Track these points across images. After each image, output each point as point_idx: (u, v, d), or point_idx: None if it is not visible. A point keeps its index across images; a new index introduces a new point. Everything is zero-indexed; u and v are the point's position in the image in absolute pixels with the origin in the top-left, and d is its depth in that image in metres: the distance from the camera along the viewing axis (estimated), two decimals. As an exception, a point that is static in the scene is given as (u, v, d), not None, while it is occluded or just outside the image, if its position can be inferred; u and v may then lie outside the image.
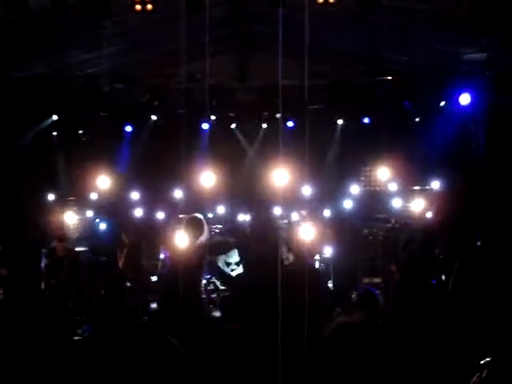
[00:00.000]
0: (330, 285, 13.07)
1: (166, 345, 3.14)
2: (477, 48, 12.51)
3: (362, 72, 14.71)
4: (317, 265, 12.70)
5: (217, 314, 10.07)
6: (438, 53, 12.99)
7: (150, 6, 9.20)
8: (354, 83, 14.93)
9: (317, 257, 13.18)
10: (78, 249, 14.69)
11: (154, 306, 11.32)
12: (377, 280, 14.06)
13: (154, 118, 16.33)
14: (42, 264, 13.02)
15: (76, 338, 7.36)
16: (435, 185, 15.68)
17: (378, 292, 11.02)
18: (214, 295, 13.04)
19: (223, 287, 13.86)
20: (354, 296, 11.03)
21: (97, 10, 9.24)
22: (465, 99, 14.20)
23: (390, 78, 14.74)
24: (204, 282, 12.42)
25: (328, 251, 13.58)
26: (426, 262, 9.37)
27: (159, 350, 3.11)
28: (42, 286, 12.42)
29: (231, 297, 10.59)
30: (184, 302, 9.11)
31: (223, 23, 12.98)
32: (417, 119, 15.83)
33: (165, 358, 3.08)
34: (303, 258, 10.82)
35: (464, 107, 14.34)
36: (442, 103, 14.95)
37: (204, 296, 11.17)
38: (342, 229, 14.74)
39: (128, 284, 12.95)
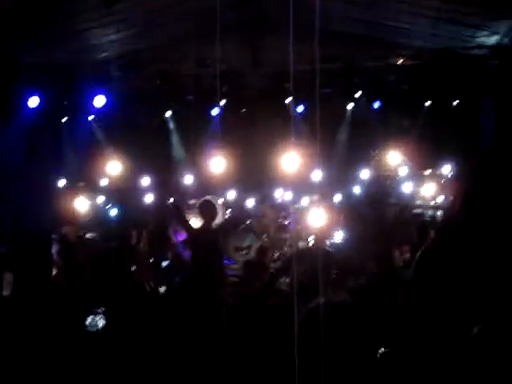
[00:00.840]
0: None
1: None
2: (489, 31, 12.45)
3: (373, 55, 14.63)
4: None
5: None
6: (448, 36, 12.92)
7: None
8: (366, 67, 14.85)
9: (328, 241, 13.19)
10: (88, 235, 14.72)
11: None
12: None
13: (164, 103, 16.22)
14: (53, 250, 13.06)
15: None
16: (446, 169, 15.63)
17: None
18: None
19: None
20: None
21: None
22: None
23: (401, 61, 14.65)
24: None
25: (338, 236, 13.59)
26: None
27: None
28: (54, 271, 12.60)
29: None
30: (202, 285, 9.17)
31: (233, 7, 12.90)
32: (427, 103, 15.75)
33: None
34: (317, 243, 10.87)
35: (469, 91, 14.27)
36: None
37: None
38: (352, 215, 14.76)
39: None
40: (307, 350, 3.16)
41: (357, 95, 15.75)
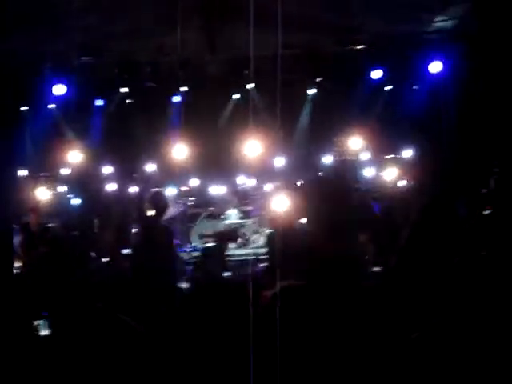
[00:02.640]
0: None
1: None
2: (447, 15, 12.57)
3: (333, 41, 14.66)
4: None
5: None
6: (408, 20, 13.00)
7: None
8: (326, 52, 14.90)
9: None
10: (50, 224, 14.62)
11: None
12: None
13: (123, 91, 16.06)
14: (16, 240, 12.97)
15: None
16: (407, 153, 15.76)
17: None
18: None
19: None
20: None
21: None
22: (436, 67, 14.25)
23: (360, 46, 14.71)
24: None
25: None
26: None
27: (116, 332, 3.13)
28: (16, 262, 12.50)
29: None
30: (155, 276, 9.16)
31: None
32: (387, 87, 15.85)
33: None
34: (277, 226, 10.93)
35: (435, 75, 14.40)
36: (414, 70, 15.01)
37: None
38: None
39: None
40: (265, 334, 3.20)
41: (318, 80, 15.84)
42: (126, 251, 13.31)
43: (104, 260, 12.33)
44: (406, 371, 3.85)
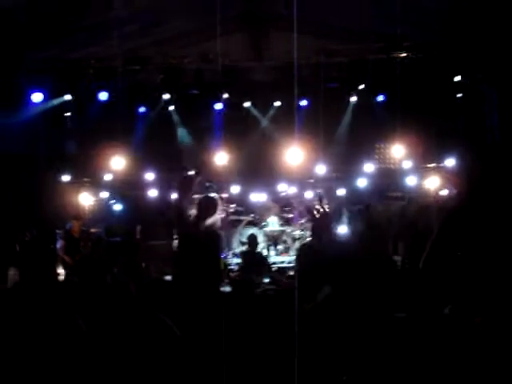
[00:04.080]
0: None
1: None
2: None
3: (377, 49, 14.62)
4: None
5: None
6: (452, 27, 12.91)
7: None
8: (369, 61, 14.85)
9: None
10: (93, 230, 14.76)
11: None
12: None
13: (166, 98, 16.16)
14: (58, 245, 13.13)
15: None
16: (450, 162, 15.61)
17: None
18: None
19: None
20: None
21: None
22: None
23: (404, 54, 14.65)
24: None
25: (342, 230, 13.61)
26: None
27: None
28: (58, 266, 12.66)
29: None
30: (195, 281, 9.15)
31: (236, 2, 12.91)
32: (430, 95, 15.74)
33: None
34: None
35: (474, 84, 14.30)
36: (456, 79, 14.89)
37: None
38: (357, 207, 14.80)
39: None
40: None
41: (360, 88, 15.79)
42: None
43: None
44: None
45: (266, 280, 11.65)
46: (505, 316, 4.63)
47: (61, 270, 12.69)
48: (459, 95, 15.40)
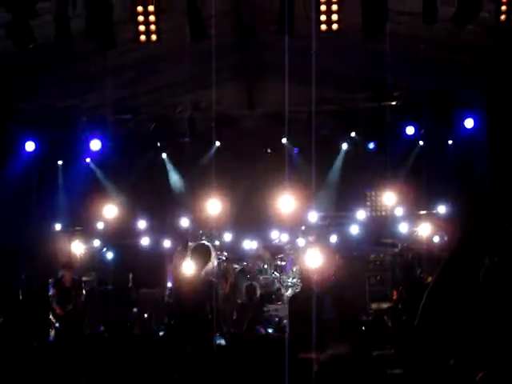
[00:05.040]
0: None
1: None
2: (477, 75, 12.65)
3: (368, 98, 14.77)
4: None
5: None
6: (440, 79, 13.07)
7: (154, 37, 9.17)
8: (360, 109, 14.98)
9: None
10: (84, 278, 14.68)
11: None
12: (385, 305, 14.04)
13: (159, 146, 16.22)
14: (50, 293, 13.05)
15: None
16: (442, 209, 15.65)
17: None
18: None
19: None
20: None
21: (102, 41, 9.22)
22: (469, 123, 14.31)
23: (394, 103, 14.80)
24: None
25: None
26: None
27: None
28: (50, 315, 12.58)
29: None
30: (190, 329, 9.09)
31: (230, 51, 13.03)
32: (421, 143, 15.87)
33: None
34: (309, 285, 10.85)
35: (468, 131, 14.44)
36: (446, 127, 15.06)
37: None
38: (350, 255, 14.81)
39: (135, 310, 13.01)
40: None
41: (352, 135, 15.91)
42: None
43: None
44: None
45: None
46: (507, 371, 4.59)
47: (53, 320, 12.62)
48: (450, 142, 15.55)
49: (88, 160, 16.35)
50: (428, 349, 5.60)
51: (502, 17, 8.91)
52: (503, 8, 8.85)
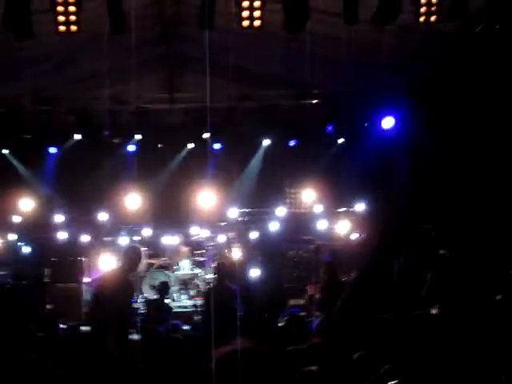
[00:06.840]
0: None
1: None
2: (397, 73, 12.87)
3: (289, 95, 14.85)
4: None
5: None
6: (360, 77, 13.24)
7: (74, 27, 9.00)
8: (281, 106, 15.05)
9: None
10: (-1, 272, 14.41)
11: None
12: (302, 301, 14.19)
13: (77, 138, 15.85)
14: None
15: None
16: (360, 207, 15.87)
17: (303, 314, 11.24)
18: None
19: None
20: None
21: (19, 30, 9.01)
22: (388, 123, 14.50)
23: (314, 101, 14.92)
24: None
25: (254, 273, 13.62)
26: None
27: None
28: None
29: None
30: (110, 326, 9.00)
31: (151, 44, 12.92)
32: (340, 141, 16.05)
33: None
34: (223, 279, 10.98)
35: (387, 130, 14.64)
36: (365, 125, 15.29)
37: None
38: (269, 251, 14.90)
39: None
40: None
41: (272, 132, 15.97)
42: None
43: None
44: None
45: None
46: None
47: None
48: (369, 141, 15.77)
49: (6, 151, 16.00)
50: (342, 342, 5.70)
51: (422, 18, 9.15)
52: (422, 10, 9.09)
